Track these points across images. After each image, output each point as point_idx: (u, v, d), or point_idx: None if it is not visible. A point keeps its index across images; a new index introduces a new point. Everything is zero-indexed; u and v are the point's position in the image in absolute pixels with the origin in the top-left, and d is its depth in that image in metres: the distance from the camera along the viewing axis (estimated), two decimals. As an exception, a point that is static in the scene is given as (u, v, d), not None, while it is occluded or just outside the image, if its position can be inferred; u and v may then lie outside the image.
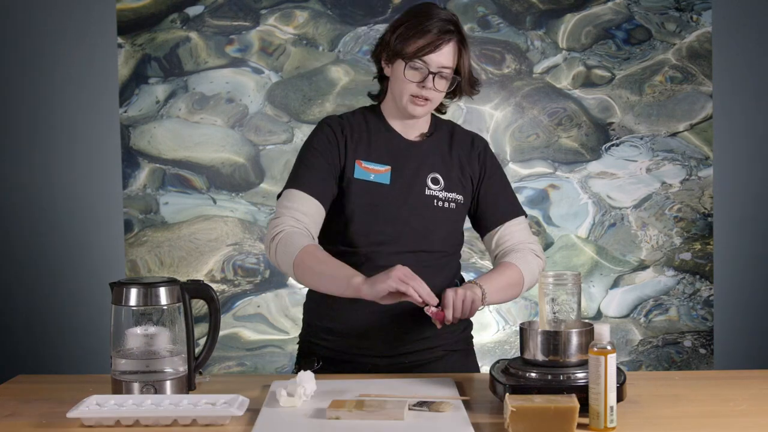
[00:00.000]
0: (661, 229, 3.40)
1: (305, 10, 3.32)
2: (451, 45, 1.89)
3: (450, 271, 2.01)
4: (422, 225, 1.94)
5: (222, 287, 3.33)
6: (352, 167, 1.94)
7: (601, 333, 1.49)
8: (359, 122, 2.00)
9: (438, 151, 2.00)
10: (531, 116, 3.37)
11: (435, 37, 1.86)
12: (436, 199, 1.96)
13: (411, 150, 1.98)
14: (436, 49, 1.86)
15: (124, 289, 1.67)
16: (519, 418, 1.41)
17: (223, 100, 3.33)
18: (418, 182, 1.96)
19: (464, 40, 1.92)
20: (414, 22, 1.89)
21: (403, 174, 1.95)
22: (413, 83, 1.89)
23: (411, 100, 1.91)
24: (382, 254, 1.91)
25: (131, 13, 3.29)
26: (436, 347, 1.98)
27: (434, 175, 1.98)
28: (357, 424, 1.47)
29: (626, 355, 3.41)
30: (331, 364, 1.95)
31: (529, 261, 1.99)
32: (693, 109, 3.39)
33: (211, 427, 1.51)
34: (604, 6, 3.36)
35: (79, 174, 3.33)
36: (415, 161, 1.97)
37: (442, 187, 1.97)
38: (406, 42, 1.87)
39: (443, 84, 1.91)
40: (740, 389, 1.72)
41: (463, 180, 2.00)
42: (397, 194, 1.94)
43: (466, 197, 2.00)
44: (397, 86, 1.92)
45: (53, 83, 3.31)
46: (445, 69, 1.89)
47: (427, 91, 1.89)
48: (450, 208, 1.97)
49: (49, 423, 1.54)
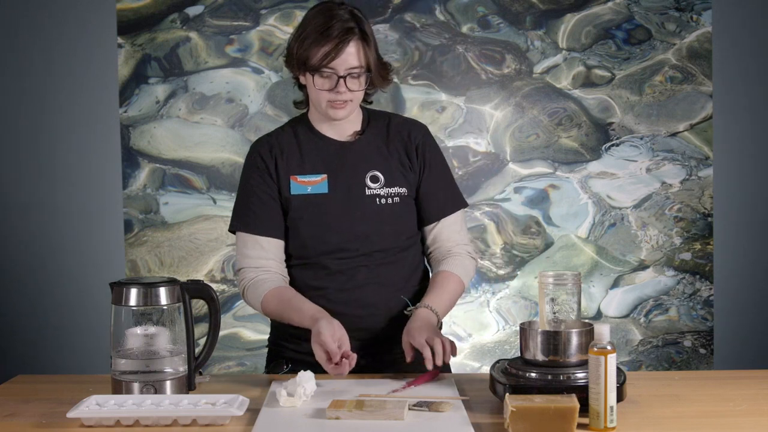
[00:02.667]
0: (661, 229, 3.41)
1: (305, 10, 3.30)
2: (354, 44, 1.86)
3: (409, 264, 2.00)
4: (369, 226, 1.93)
5: (222, 287, 3.33)
6: (287, 185, 1.95)
7: (601, 333, 1.49)
8: (288, 137, 2.00)
9: (374, 147, 1.98)
10: (531, 116, 3.37)
11: (336, 41, 1.84)
12: (378, 197, 1.94)
13: (345, 152, 1.97)
14: (338, 54, 1.84)
15: (124, 289, 1.67)
16: (519, 418, 1.41)
17: (223, 100, 3.33)
18: (356, 184, 1.95)
19: (366, 35, 1.88)
20: (313, 29, 1.86)
21: (340, 179, 1.94)
22: (326, 91, 1.88)
23: (329, 105, 1.90)
24: (334, 261, 1.93)
25: (131, 13, 3.29)
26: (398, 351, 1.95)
27: (373, 173, 1.96)
28: (357, 424, 1.47)
29: (626, 355, 3.41)
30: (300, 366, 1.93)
31: (466, 265, 2.01)
32: (693, 109, 3.39)
33: (211, 427, 1.51)
34: (604, 6, 3.36)
35: (79, 174, 3.33)
36: (351, 163, 1.96)
37: (383, 184, 1.95)
38: (310, 52, 1.86)
39: (356, 83, 1.89)
40: (740, 389, 1.72)
41: (404, 171, 1.98)
42: (338, 201, 1.94)
43: (410, 188, 1.98)
44: (314, 95, 1.91)
45: (53, 83, 3.31)
46: (353, 69, 1.87)
47: (342, 94, 1.88)
48: (394, 203, 1.95)
49: (49, 423, 1.54)
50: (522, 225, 3.38)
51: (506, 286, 3.39)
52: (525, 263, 3.39)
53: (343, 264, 1.92)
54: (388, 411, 1.50)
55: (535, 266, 3.38)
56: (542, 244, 3.39)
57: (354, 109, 1.94)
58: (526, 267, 3.39)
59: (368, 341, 1.94)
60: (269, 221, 1.96)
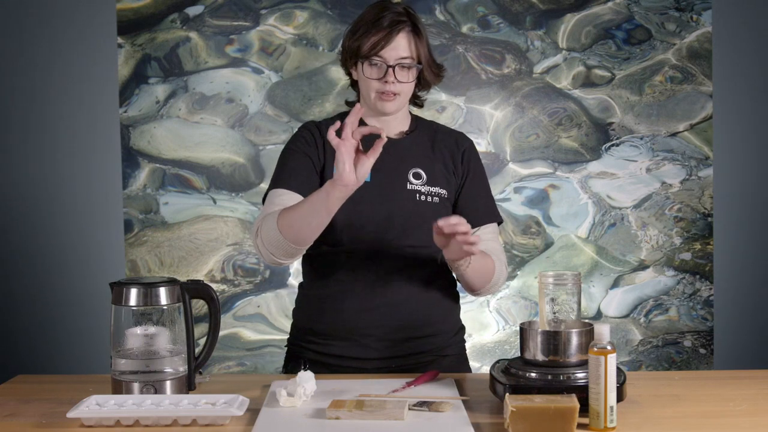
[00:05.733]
0: (661, 229, 3.41)
1: (305, 10, 3.32)
2: (404, 35, 1.89)
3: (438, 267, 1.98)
4: (405, 220, 1.92)
5: (222, 287, 3.33)
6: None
7: (601, 333, 1.49)
8: None
9: (419, 147, 2.00)
10: (531, 116, 3.37)
11: (386, 30, 1.87)
12: (419, 194, 1.94)
13: (391, 147, 1.96)
14: (389, 42, 1.87)
15: (124, 289, 1.67)
16: (519, 418, 1.41)
17: (223, 100, 3.33)
18: (399, 177, 1.95)
19: (418, 29, 1.92)
20: (366, 20, 1.91)
21: (384, 170, 1.94)
22: (375, 80, 1.90)
23: (378, 96, 1.91)
24: (365, 251, 1.91)
25: (131, 13, 3.30)
26: (425, 352, 1.96)
27: (416, 170, 1.97)
28: (357, 424, 1.47)
29: (626, 355, 3.41)
30: (319, 367, 1.94)
31: (500, 268, 1.98)
32: (693, 109, 3.39)
33: (211, 427, 1.51)
34: (604, 6, 3.36)
35: (79, 174, 3.33)
36: (396, 157, 1.96)
37: (425, 182, 1.96)
38: (361, 41, 1.89)
39: (405, 75, 1.90)
40: (740, 389, 1.72)
41: (447, 175, 1.99)
42: (379, 190, 1.93)
43: (450, 192, 1.99)
44: (364, 86, 1.94)
45: (53, 83, 3.31)
46: (403, 60, 1.89)
47: (391, 85, 1.89)
48: (433, 203, 1.95)
49: (49, 423, 1.54)
50: (522, 225, 3.38)
51: (506, 286, 3.39)
52: (525, 263, 3.39)
53: (374, 255, 1.90)
54: (388, 411, 1.50)
55: (535, 266, 3.38)
56: (542, 244, 3.39)
57: (403, 104, 1.95)
58: (526, 267, 3.39)
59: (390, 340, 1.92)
60: (305, 182, 1.91)
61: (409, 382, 1.73)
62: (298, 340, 2.03)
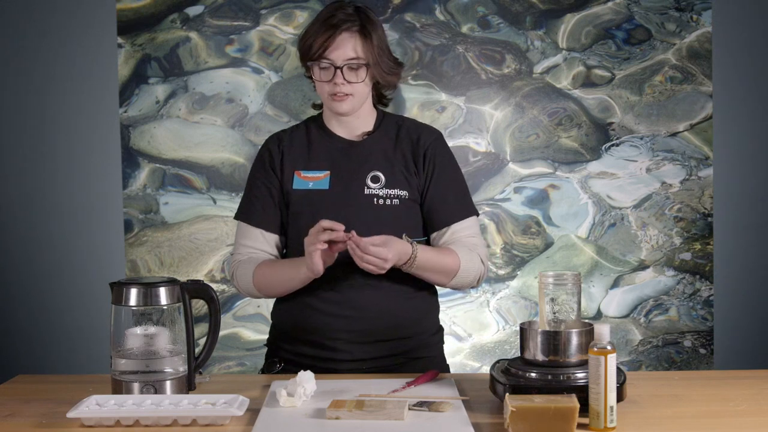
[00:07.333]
0: (661, 229, 3.40)
1: (305, 10, 3.32)
2: (350, 35, 1.87)
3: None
4: (365, 225, 1.88)
5: (222, 287, 3.33)
6: (290, 179, 1.97)
7: (601, 333, 1.49)
8: (300, 133, 2.02)
9: (380, 148, 1.98)
10: (531, 116, 3.37)
11: (332, 31, 1.86)
12: (376, 198, 1.93)
13: (350, 151, 1.97)
14: (333, 43, 1.86)
15: (124, 289, 1.67)
16: (519, 418, 1.41)
17: (223, 100, 3.33)
18: (356, 183, 1.94)
19: (366, 29, 1.89)
20: (317, 21, 1.91)
21: (342, 177, 1.94)
22: (326, 82, 1.90)
23: (331, 98, 1.91)
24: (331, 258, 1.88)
25: (131, 13, 3.29)
26: (397, 354, 1.95)
27: (374, 174, 1.95)
28: (357, 424, 1.47)
29: (626, 355, 3.41)
30: (293, 367, 1.92)
31: (473, 259, 1.95)
32: (693, 109, 3.39)
33: (211, 427, 1.51)
34: (604, 6, 3.36)
35: (79, 174, 3.33)
36: (355, 161, 1.96)
37: (383, 185, 1.94)
38: (311, 42, 1.89)
39: (354, 75, 1.89)
40: (740, 389, 1.72)
41: (407, 175, 1.96)
42: (336, 198, 1.93)
43: (412, 192, 1.96)
44: (318, 88, 1.94)
45: (53, 83, 3.31)
46: (351, 61, 1.88)
47: (341, 86, 1.89)
48: (393, 205, 1.93)
49: (49, 423, 1.54)
50: (522, 225, 3.38)
51: (506, 286, 3.39)
52: (525, 263, 3.39)
53: (339, 260, 1.88)
54: (388, 411, 1.50)
55: (535, 266, 3.38)
56: (542, 244, 3.39)
57: (357, 104, 1.94)
58: (526, 267, 3.39)
59: (359, 343, 1.92)
60: (266, 215, 1.99)
61: (409, 382, 1.73)
62: (277, 340, 2.04)
